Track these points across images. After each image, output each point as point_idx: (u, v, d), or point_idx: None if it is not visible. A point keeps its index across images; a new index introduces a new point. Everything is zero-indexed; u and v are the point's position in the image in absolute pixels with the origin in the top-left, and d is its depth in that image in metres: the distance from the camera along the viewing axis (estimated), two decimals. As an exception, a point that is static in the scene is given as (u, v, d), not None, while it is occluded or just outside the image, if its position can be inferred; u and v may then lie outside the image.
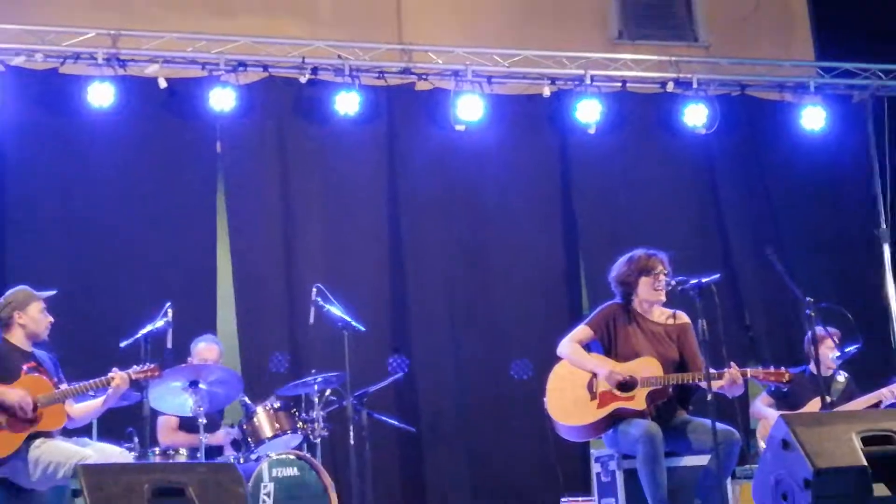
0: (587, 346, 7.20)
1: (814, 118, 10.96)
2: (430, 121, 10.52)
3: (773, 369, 6.96)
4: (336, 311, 8.36)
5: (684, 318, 7.17)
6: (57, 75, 9.68)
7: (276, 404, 8.24)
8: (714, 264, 9.68)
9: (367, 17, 11.06)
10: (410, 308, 10.22)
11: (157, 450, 7.95)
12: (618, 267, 7.30)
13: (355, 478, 8.22)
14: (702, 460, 6.78)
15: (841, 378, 8.84)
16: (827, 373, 8.59)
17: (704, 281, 6.75)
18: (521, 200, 10.64)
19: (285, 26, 10.71)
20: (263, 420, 8.14)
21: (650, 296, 7.15)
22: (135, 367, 7.13)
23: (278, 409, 8.22)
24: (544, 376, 7.32)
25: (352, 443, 8.17)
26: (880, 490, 5.58)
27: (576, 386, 7.06)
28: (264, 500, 7.71)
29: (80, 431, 7.49)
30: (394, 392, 9.61)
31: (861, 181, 11.28)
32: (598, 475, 7.22)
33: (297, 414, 8.29)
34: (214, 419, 8.45)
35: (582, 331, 7.23)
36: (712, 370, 6.67)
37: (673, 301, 7.19)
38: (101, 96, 9.50)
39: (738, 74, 11.16)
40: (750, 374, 6.92)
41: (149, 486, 5.41)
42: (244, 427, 8.16)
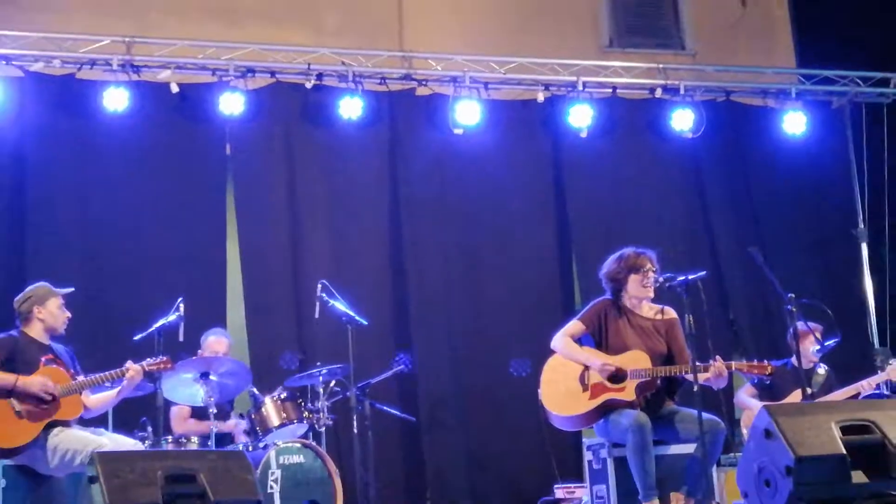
0: (579, 340, 7.32)
1: (795, 123, 11.14)
2: (429, 125, 10.66)
3: (757, 362, 7.00)
4: (340, 306, 8.51)
5: (672, 313, 7.30)
6: (74, 80, 9.82)
7: (283, 395, 8.40)
8: (700, 262, 9.98)
9: (370, 26, 11.22)
10: (411, 303, 10.33)
11: (170, 438, 8.10)
12: (608, 264, 7.42)
13: (358, 465, 8.38)
14: (688, 449, 6.87)
15: (821, 371, 8.99)
16: (808, 366, 8.76)
17: (691, 278, 6.86)
18: (517, 201, 10.77)
19: (291, 34, 10.84)
20: (271, 410, 8.31)
21: (639, 292, 7.25)
22: (148, 360, 7.29)
23: (285, 399, 8.38)
24: (538, 369, 7.41)
25: (355, 431, 8.34)
26: (858, 477, 5.60)
27: (568, 378, 7.18)
28: (272, 486, 7.89)
29: (95, 422, 7.65)
30: (395, 383, 9.73)
31: (840, 183, 11.45)
32: (590, 463, 7.32)
33: (303, 404, 8.47)
34: (224, 409, 8.64)
35: (574, 325, 7.34)
36: (698, 363, 6.77)
37: (661, 297, 7.32)
38: (115, 101, 9.66)
39: (723, 81, 11.32)
40: (734, 367, 6.98)
41: (162, 472, 5.50)
42: (252, 417, 8.32)
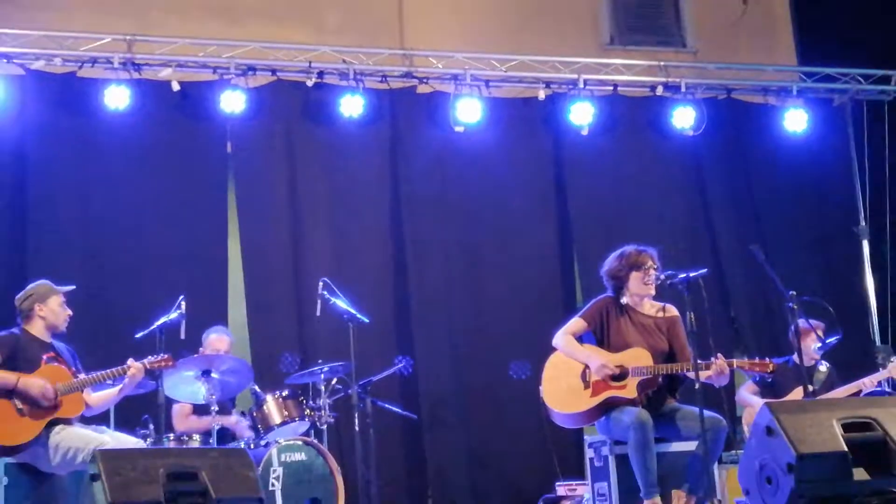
0: (580, 338, 7.33)
1: (796, 120, 11.15)
2: (430, 122, 10.66)
3: (758, 360, 7.03)
4: (342, 304, 8.50)
5: (673, 311, 7.30)
6: (75, 79, 9.82)
7: (285, 392, 8.41)
8: (701, 259, 10.07)
9: (371, 24, 11.21)
10: (412, 301, 10.34)
11: (172, 436, 8.09)
12: (609, 262, 7.42)
13: (360, 462, 8.35)
14: (690, 446, 6.88)
15: (823, 368, 9.00)
16: (809, 363, 8.78)
17: (692, 275, 6.85)
18: (518, 199, 10.76)
19: (292, 32, 10.81)
20: (272, 407, 8.30)
21: (640, 289, 7.26)
22: (149, 357, 7.29)
23: (286, 397, 8.38)
24: (540, 366, 7.42)
25: (357, 429, 8.34)
26: (860, 474, 5.62)
27: (570, 375, 7.18)
28: (273, 483, 7.87)
29: (97, 420, 7.66)
30: (396, 381, 9.74)
31: (841, 181, 11.45)
32: (592, 460, 7.32)
33: (304, 402, 8.47)
34: (226, 406, 8.62)
35: (576, 323, 7.35)
36: (700, 361, 6.77)
37: (662, 294, 7.32)
38: (117, 99, 9.66)
39: (724, 79, 11.33)
40: (736, 365, 7.00)
41: (164, 470, 5.51)
42: (254, 414, 8.32)
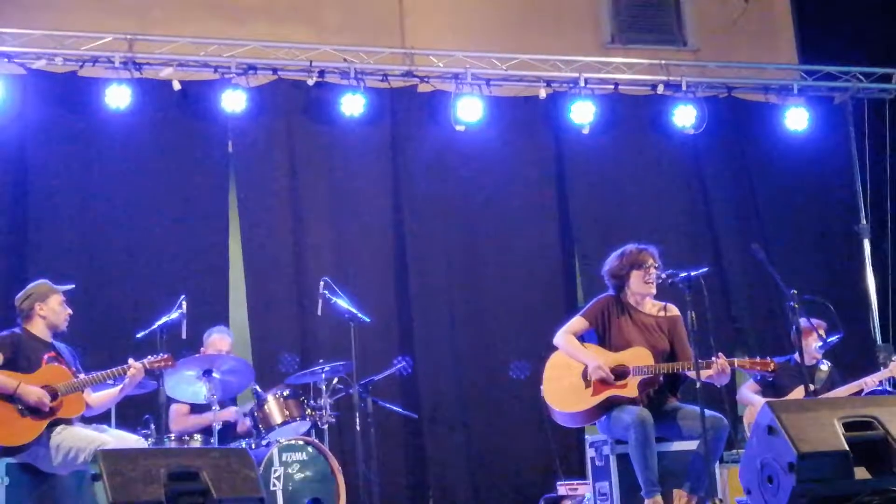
0: (582, 337, 7.32)
1: (797, 119, 11.14)
2: (431, 121, 10.67)
3: (759, 359, 7.01)
4: (343, 303, 8.49)
5: (675, 310, 7.27)
6: (76, 78, 9.83)
7: (286, 392, 8.40)
8: (702, 258, 10.04)
9: (372, 23, 11.21)
10: (413, 300, 10.34)
11: (173, 436, 8.10)
12: (610, 261, 7.41)
13: (361, 462, 8.34)
14: (691, 445, 6.86)
15: (824, 367, 8.98)
16: (811, 362, 8.77)
17: (693, 274, 6.82)
18: (519, 197, 10.77)
19: (293, 31, 10.83)
20: (274, 407, 8.30)
21: (641, 288, 7.24)
22: (150, 357, 7.29)
23: (288, 396, 8.38)
24: (541, 366, 7.41)
25: (358, 429, 8.34)
26: (861, 473, 5.64)
27: (571, 374, 7.16)
28: (275, 483, 7.88)
29: (98, 419, 7.64)
30: (397, 381, 9.73)
31: (842, 179, 11.45)
32: (593, 460, 7.31)
33: (305, 401, 8.46)
34: (227, 406, 8.59)
35: (577, 322, 7.34)
36: (701, 360, 6.75)
37: (663, 293, 7.31)
38: (117, 98, 9.67)
39: (725, 77, 11.32)
40: (737, 364, 6.98)
41: (165, 470, 5.50)
42: (255, 414, 8.30)
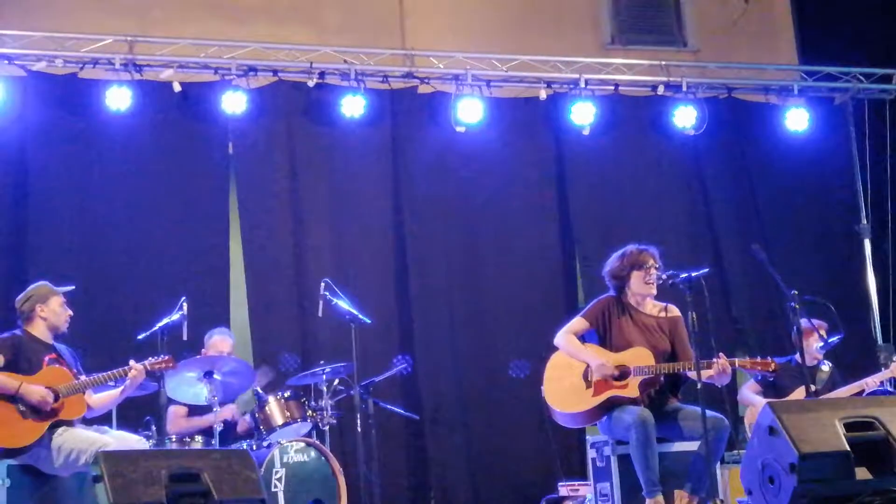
0: (582, 337, 7.32)
1: (797, 119, 11.14)
2: (431, 123, 10.66)
3: (760, 359, 7.00)
4: (343, 304, 8.48)
5: (676, 311, 7.27)
6: (76, 80, 9.83)
7: (287, 394, 8.41)
8: (703, 259, 10.06)
9: (372, 24, 11.20)
10: (413, 301, 10.34)
11: (174, 437, 8.11)
12: (611, 262, 7.41)
13: (362, 463, 8.33)
14: (692, 446, 6.86)
15: (825, 368, 8.99)
16: (812, 363, 8.75)
17: (694, 275, 6.81)
18: (519, 199, 10.77)
19: (293, 33, 10.82)
20: (275, 409, 8.30)
21: (642, 289, 7.24)
22: (150, 359, 7.29)
23: (289, 398, 8.38)
24: (542, 366, 7.41)
25: (359, 430, 8.33)
26: (862, 474, 5.65)
27: (572, 374, 7.17)
28: (276, 484, 7.88)
29: (99, 420, 7.64)
30: (398, 382, 9.75)
31: (842, 180, 11.44)
32: (594, 460, 7.31)
33: (306, 403, 8.47)
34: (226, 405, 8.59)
35: (578, 322, 7.34)
36: (702, 360, 6.75)
37: (664, 294, 7.31)
38: (118, 100, 9.67)
39: (726, 78, 11.32)
40: (738, 364, 6.97)
41: (166, 471, 5.53)
42: (256, 415, 8.32)
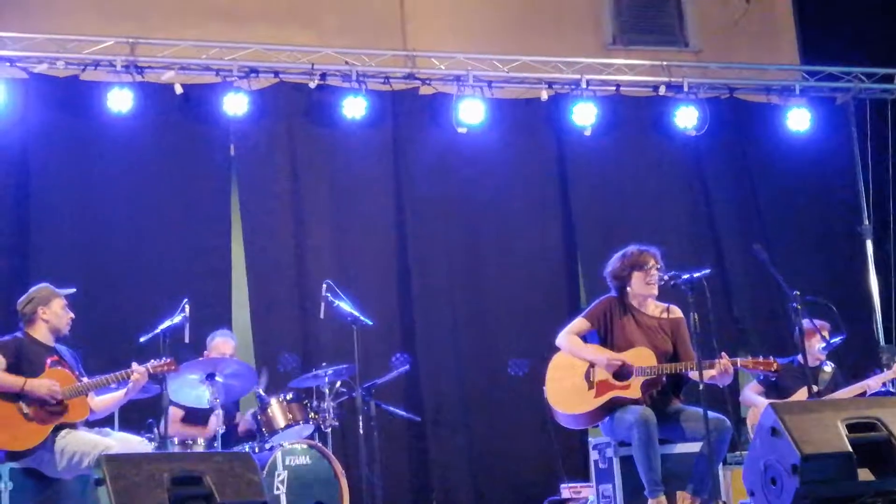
0: (584, 338, 7.31)
1: (799, 119, 11.14)
2: (433, 124, 10.67)
3: (762, 359, 6.99)
4: (345, 306, 8.47)
5: (678, 312, 7.25)
6: (78, 82, 9.84)
7: (289, 396, 8.42)
8: (705, 259, 9.99)
9: (373, 25, 11.20)
10: (415, 301, 10.34)
11: (176, 440, 8.10)
12: (612, 262, 7.41)
13: (364, 465, 8.32)
14: (694, 447, 6.86)
15: (828, 368, 8.98)
16: (814, 363, 8.72)
17: (696, 275, 6.83)
18: (521, 200, 10.77)
19: (295, 34, 10.82)
20: (277, 411, 8.32)
21: (643, 289, 7.25)
22: (153, 361, 7.30)
23: (291, 400, 8.40)
24: (543, 367, 7.41)
25: (361, 432, 8.28)
26: (865, 475, 5.65)
27: (574, 375, 7.17)
28: (278, 487, 7.90)
29: (101, 422, 7.65)
30: (400, 384, 9.71)
31: (844, 180, 11.45)
32: (596, 462, 7.34)
33: (308, 405, 8.47)
34: (230, 410, 8.63)
35: (579, 323, 7.34)
36: (704, 360, 6.75)
37: (666, 295, 7.31)
38: (119, 102, 9.67)
39: (727, 78, 11.32)
40: (740, 364, 6.97)
41: (168, 474, 5.54)
42: (258, 418, 8.33)
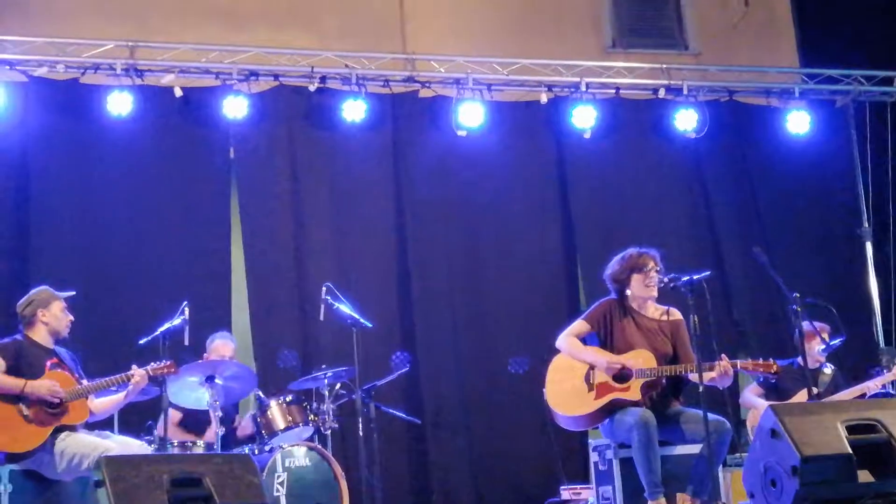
0: (584, 340, 7.32)
1: (798, 122, 11.14)
2: (433, 127, 10.68)
3: (762, 361, 6.98)
4: (345, 308, 8.48)
5: (678, 314, 7.26)
6: (78, 85, 9.86)
7: (289, 398, 8.42)
8: (704, 262, 10.00)
9: (372, 29, 11.23)
10: (415, 304, 10.35)
11: (175, 442, 8.08)
12: (612, 265, 7.43)
13: (364, 467, 8.32)
14: (694, 449, 6.86)
15: (828, 370, 8.98)
16: (814, 365, 8.72)
17: (695, 278, 6.82)
18: (520, 202, 10.79)
19: (294, 38, 10.85)
20: (276, 413, 8.32)
21: (642, 292, 7.25)
22: (152, 364, 7.29)
23: (290, 402, 8.40)
24: (543, 369, 7.42)
25: (360, 434, 8.31)
26: (864, 476, 5.64)
27: (574, 377, 7.18)
28: (278, 489, 7.88)
29: (101, 425, 7.65)
30: (400, 386, 9.74)
31: (844, 182, 11.45)
32: (596, 464, 7.32)
33: (308, 407, 8.48)
34: (229, 412, 8.66)
35: (579, 325, 7.36)
36: (704, 362, 6.75)
37: (665, 297, 7.32)
38: (119, 105, 9.69)
39: (727, 81, 11.33)
40: (740, 366, 6.97)
41: (168, 476, 5.54)
42: (258, 420, 8.33)
